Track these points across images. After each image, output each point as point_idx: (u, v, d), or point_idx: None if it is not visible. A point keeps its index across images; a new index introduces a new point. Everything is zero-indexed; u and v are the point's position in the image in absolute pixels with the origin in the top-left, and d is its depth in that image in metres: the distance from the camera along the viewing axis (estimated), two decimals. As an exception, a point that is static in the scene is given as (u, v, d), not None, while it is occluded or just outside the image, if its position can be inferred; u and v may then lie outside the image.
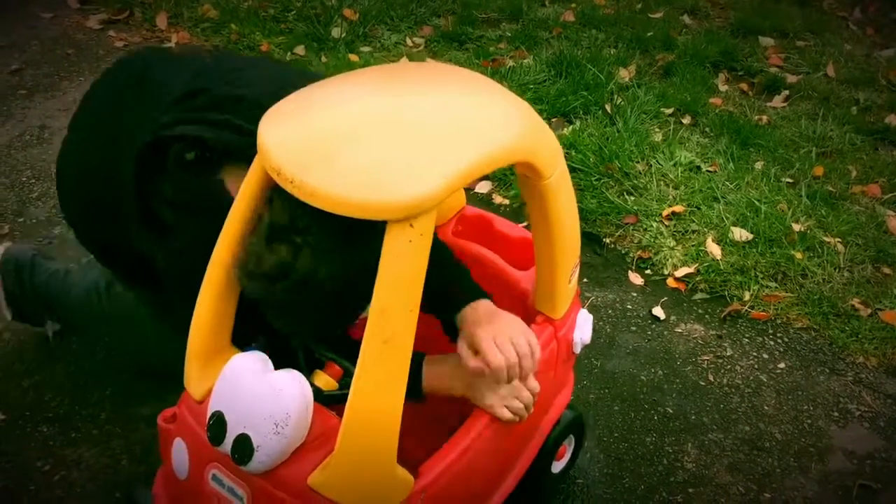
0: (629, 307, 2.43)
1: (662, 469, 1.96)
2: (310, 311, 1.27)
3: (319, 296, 1.23)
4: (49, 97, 3.22)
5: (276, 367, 1.27)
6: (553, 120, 3.23)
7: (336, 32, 3.76)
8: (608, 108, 3.26)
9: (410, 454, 1.31)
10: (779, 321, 2.41)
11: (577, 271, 1.58)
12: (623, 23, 4.06)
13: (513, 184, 2.87)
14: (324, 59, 3.57)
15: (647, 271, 2.57)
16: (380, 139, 1.16)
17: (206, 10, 3.89)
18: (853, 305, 2.45)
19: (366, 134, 1.17)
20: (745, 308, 2.44)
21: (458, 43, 3.81)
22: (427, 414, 1.55)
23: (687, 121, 3.30)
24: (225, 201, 1.31)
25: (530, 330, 1.42)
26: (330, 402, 1.32)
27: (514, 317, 1.42)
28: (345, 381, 1.34)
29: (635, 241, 2.67)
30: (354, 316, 1.34)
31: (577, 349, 1.66)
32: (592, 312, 2.34)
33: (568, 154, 2.96)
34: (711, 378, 2.22)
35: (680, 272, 2.55)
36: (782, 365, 2.28)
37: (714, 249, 2.61)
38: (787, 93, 3.57)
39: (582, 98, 3.30)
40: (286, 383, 1.22)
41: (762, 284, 2.51)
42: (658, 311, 2.41)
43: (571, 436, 1.82)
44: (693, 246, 2.63)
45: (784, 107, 3.50)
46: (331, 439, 1.21)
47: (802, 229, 2.69)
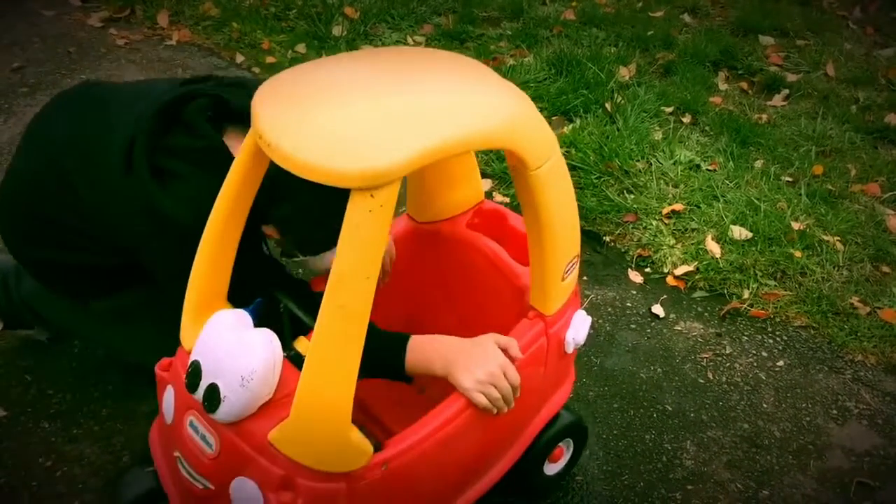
0: (629, 305, 2.44)
1: (661, 466, 1.97)
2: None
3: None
4: (50, 95, 3.20)
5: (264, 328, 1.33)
6: (553, 118, 3.23)
7: (337, 31, 3.77)
8: (608, 106, 3.27)
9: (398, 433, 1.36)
10: (778, 319, 2.42)
11: (576, 269, 1.57)
12: (623, 21, 4.06)
13: (513, 182, 2.87)
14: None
15: (647, 269, 2.58)
16: (356, 113, 1.19)
17: (208, 8, 3.90)
18: (852, 304, 2.45)
19: (344, 107, 1.20)
20: (745, 306, 2.45)
21: (459, 41, 3.82)
22: (431, 401, 1.56)
23: (687, 119, 3.30)
24: (227, 157, 1.44)
25: (493, 348, 1.46)
26: None
27: (472, 341, 1.47)
28: None
29: (635, 240, 2.68)
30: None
31: (568, 348, 1.63)
32: (592, 310, 2.37)
33: (568, 152, 2.97)
34: (710, 376, 2.23)
35: (679, 270, 2.55)
36: (781, 363, 2.29)
37: (713, 248, 2.62)
38: (786, 92, 3.58)
39: (582, 96, 3.31)
40: (257, 341, 1.29)
41: (761, 283, 2.52)
42: (657, 309, 2.42)
43: (569, 439, 1.80)
44: (693, 244, 2.64)
45: (784, 106, 3.50)
46: None
47: (802, 228, 2.69)
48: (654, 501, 1.88)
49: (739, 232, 2.66)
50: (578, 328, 1.63)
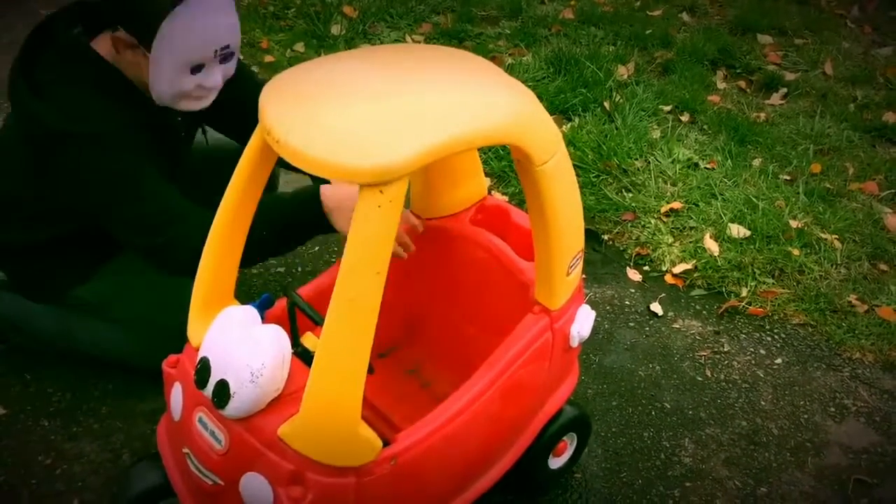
0: (627, 303, 2.45)
1: (660, 464, 1.97)
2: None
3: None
4: (49, 94, 3.23)
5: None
6: (552, 117, 3.23)
7: (336, 30, 3.77)
8: (607, 105, 3.28)
9: (404, 428, 1.36)
10: (776, 317, 2.43)
11: (580, 264, 1.58)
12: (622, 20, 4.06)
13: (512, 180, 2.88)
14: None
15: (646, 268, 2.59)
16: (364, 110, 1.21)
17: (206, 7, 3.90)
18: (850, 302, 2.46)
19: (352, 104, 1.21)
20: (743, 304, 2.45)
21: (458, 40, 3.82)
22: (436, 395, 1.57)
23: (685, 118, 3.31)
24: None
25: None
26: None
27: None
28: None
29: (633, 238, 2.68)
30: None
31: (573, 343, 1.65)
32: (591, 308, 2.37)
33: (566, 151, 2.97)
34: (709, 373, 2.23)
35: (678, 268, 2.56)
36: (779, 360, 2.29)
37: (712, 246, 2.62)
38: (784, 90, 3.59)
39: (581, 95, 3.31)
40: (266, 337, 1.29)
41: (759, 281, 2.52)
42: (656, 307, 2.43)
43: (573, 433, 1.82)
44: (691, 242, 2.65)
45: (782, 104, 3.51)
46: None
47: (800, 226, 2.70)
48: (652, 499, 1.88)
49: (737, 230, 2.67)
50: (583, 322, 1.65)
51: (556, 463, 1.82)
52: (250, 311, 1.37)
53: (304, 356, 1.36)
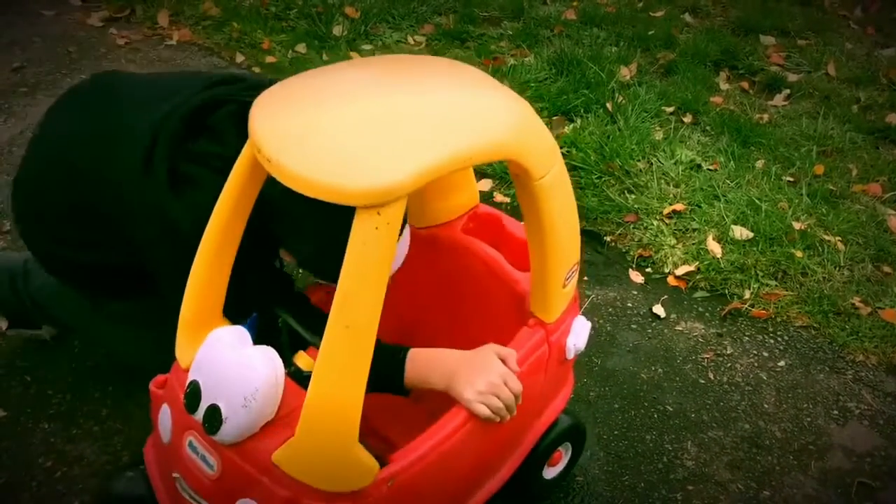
0: (630, 305, 2.44)
1: (662, 467, 1.96)
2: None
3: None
4: (51, 95, 3.22)
5: (262, 344, 1.30)
6: (554, 118, 3.23)
7: (337, 30, 3.76)
8: (609, 106, 3.27)
9: (391, 440, 1.34)
10: (779, 319, 2.42)
11: (576, 275, 1.56)
12: (624, 21, 4.06)
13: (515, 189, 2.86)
14: (325, 57, 3.57)
15: (648, 269, 2.58)
16: (359, 126, 1.17)
17: (208, 7, 3.90)
18: (853, 304, 2.45)
19: (348, 120, 1.18)
20: (746, 306, 2.44)
21: (460, 41, 3.81)
22: (427, 412, 1.55)
23: (688, 119, 3.30)
24: None
25: (494, 359, 1.43)
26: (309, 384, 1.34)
27: (476, 357, 1.44)
28: None
29: (636, 240, 2.67)
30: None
31: (569, 355, 1.62)
32: (593, 310, 2.36)
33: (569, 152, 2.96)
34: (711, 376, 2.22)
35: (680, 270, 2.55)
36: (782, 363, 2.28)
37: (714, 248, 2.61)
38: (787, 91, 3.58)
39: (583, 96, 3.31)
40: (258, 359, 1.25)
41: (762, 283, 2.51)
42: (658, 309, 2.42)
43: (568, 443, 1.80)
44: (693, 244, 2.64)
45: (785, 105, 3.50)
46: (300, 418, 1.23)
47: (803, 228, 2.69)
48: (654, 502, 1.87)
49: (740, 232, 2.66)
50: (579, 334, 1.62)
51: (550, 473, 1.80)
52: (241, 332, 1.32)
53: (297, 376, 1.32)
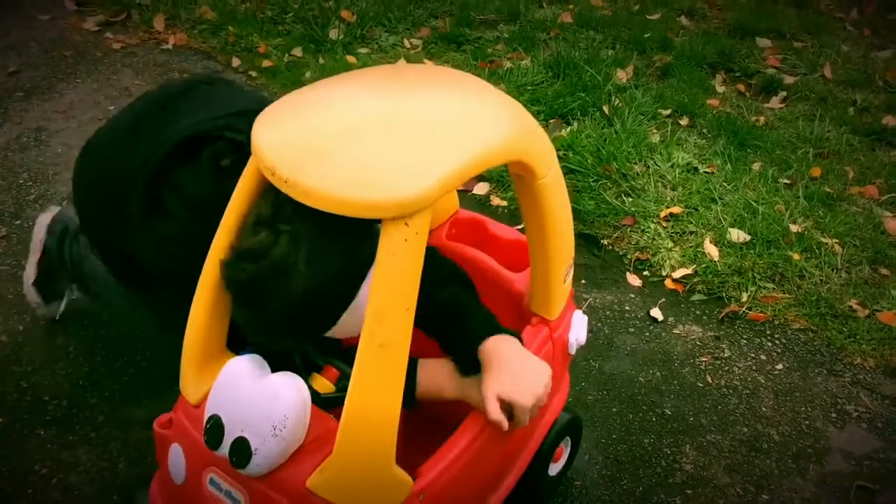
0: (627, 308, 2.43)
1: (661, 471, 1.96)
2: (277, 302, 1.20)
3: (289, 288, 1.19)
4: (46, 99, 3.22)
5: (273, 370, 1.27)
6: (551, 121, 3.23)
7: (334, 34, 3.76)
8: (606, 109, 3.27)
9: (408, 457, 1.30)
10: (776, 322, 2.41)
11: (571, 272, 1.58)
12: (620, 24, 4.06)
13: (510, 185, 2.87)
14: (321, 61, 3.57)
15: (645, 273, 2.57)
16: (373, 139, 1.16)
17: (204, 11, 3.89)
18: (851, 306, 2.45)
19: (360, 133, 1.17)
20: (743, 309, 2.44)
21: (456, 44, 3.81)
22: (424, 418, 1.55)
23: (684, 122, 3.30)
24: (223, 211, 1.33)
25: (548, 369, 1.41)
26: (327, 405, 1.32)
27: (536, 362, 1.41)
28: (341, 384, 1.34)
29: (633, 243, 2.67)
30: (328, 324, 1.28)
31: (572, 350, 1.66)
32: (590, 314, 2.36)
33: (565, 155, 2.96)
34: (709, 379, 2.22)
35: (678, 273, 2.55)
36: (780, 366, 2.28)
37: (712, 250, 2.61)
38: (784, 94, 3.58)
39: (579, 99, 3.30)
40: (284, 386, 1.22)
41: (760, 286, 2.51)
42: (656, 313, 2.41)
43: (568, 437, 1.82)
44: (691, 247, 2.64)
45: (781, 108, 3.50)
46: (329, 441, 1.21)
47: (800, 230, 2.69)
48: (653, 506, 1.87)
49: (737, 235, 2.65)
50: (578, 328, 1.65)
51: (554, 469, 1.81)
52: (258, 360, 1.27)
53: (315, 399, 1.29)
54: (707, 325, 2.39)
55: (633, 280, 2.54)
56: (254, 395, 1.22)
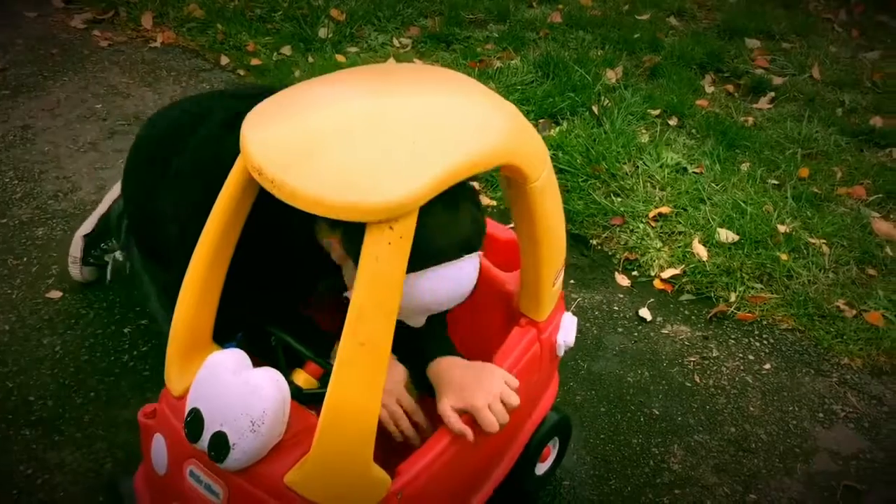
0: (616, 308, 2.44)
1: (649, 471, 1.96)
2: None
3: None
4: (33, 97, 3.20)
5: (257, 364, 1.27)
6: (540, 121, 3.23)
7: (323, 33, 3.75)
8: (595, 109, 3.27)
9: (386, 455, 1.31)
10: (764, 322, 2.42)
11: (562, 274, 1.58)
12: (610, 24, 4.06)
13: (500, 184, 2.86)
14: (310, 60, 3.56)
15: (634, 273, 2.58)
16: (361, 140, 1.15)
17: (192, 9, 3.87)
18: (838, 307, 2.46)
19: (347, 135, 1.16)
20: (731, 309, 2.44)
21: (446, 44, 3.81)
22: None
23: (673, 122, 3.30)
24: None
25: (505, 374, 1.43)
26: (309, 401, 1.33)
27: (491, 368, 1.44)
28: (325, 380, 1.34)
29: (622, 243, 2.67)
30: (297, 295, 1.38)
31: (560, 352, 1.66)
32: (579, 314, 2.36)
33: (555, 155, 2.96)
34: (697, 379, 2.22)
35: (666, 273, 2.55)
36: (768, 366, 2.28)
37: (700, 251, 2.61)
38: (772, 94, 3.59)
39: (569, 99, 3.31)
40: (263, 381, 1.22)
41: (748, 286, 2.52)
42: (645, 313, 2.42)
43: (556, 437, 1.82)
44: (679, 247, 2.64)
45: (770, 108, 3.51)
46: (308, 438, 1.21)
47: (788, 231, 2.70)
48: (641, 506, 1.87)
49: (726, 235, 2.66)
50: (567, 330, 1.64)
51: (541, 469, 1.81)
52: (240, 355, 1.27)
53: (296, 395, 1.30)
54: (695, 325, 2.40)
55: (622, 280, 2.54)
56: (233, 390, 1.22)
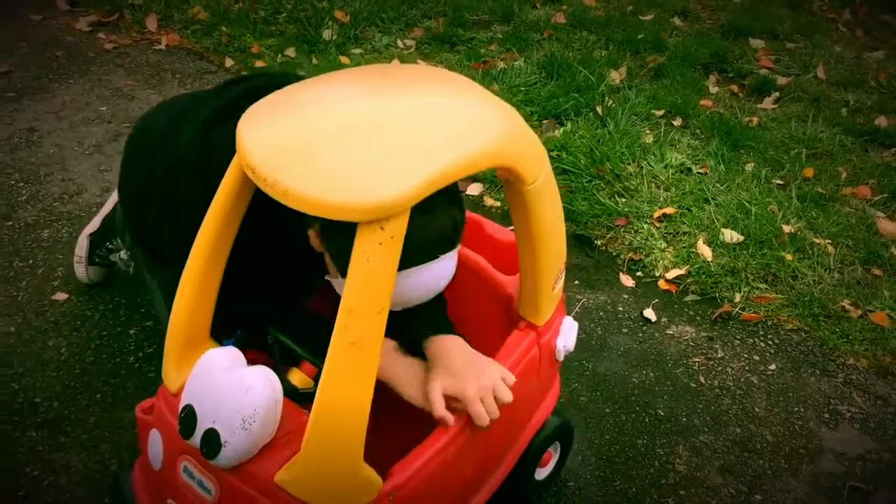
0: (620, 309, 2.43)
1: (654, 471, 1.96)
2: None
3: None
4: (38, 100, 3.21)
5: (258, 361, 1.28)
6: (544, 122, 3.23)
7: (327, 34, 3.75)
8: (599, 109, 3.27)
9: (383, 455, 1.31)
10: (769, 323, 2.42)
11: (563, 277, 1.57)
12: (614, 25, 4.06)
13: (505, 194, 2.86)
14: (315, 62, 3.56)
15: (639, 273, 2.57)
16: (355, 140, 1.16)
17: (197, 11, 3.88)
18: (843, 307, 2.45)
19: (342, 135, 1.17)
20: (736, 310, 2.44)
21: (450, 45, 3.81)
22: (402, 416, 1.54)
23: (678, 122, 3.30)
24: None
25: (502, 368, 1.42)
26: (305, 400, 1.33)
27: (487, 360, 1.43)
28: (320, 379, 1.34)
29: (626, 243, 2.67)
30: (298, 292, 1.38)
31: (559, 356, 1.64)
32: (584, 314, 2.36)
33: (559, 156, 2.96)
34: (702, 380, 2.22)
35: (671, 274, 2.55)
36: (773, 366, 2.28)
37: (705, 251, 2.61)
38: (777, 94, 3.59)
39: (573, 100, 3.30)
40: (255, 380, 1.23)
41: (753, 286, 2.51)
42: (649, 313, 2.41)
43: (557, 442, 1.80)
44: (684, 248, 2.64)
45: (774, 108, 3.51)
46: (300, 437, 1.21)
47: (793, 231, 2.69)
48: (646, 507, 1.87)
49: (730, 235, 2.66)
50: (567, 335, 1.63)
51: (541, 474, 1.80)
52: (234, 353, 1.28)
53: (292, 394, 1.30)
54: (700, 326, 2.39)
55: (627, 280, 2.54)
56: (226, 388, 1.23)
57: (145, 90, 3.33)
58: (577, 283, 2.51)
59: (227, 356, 1.27)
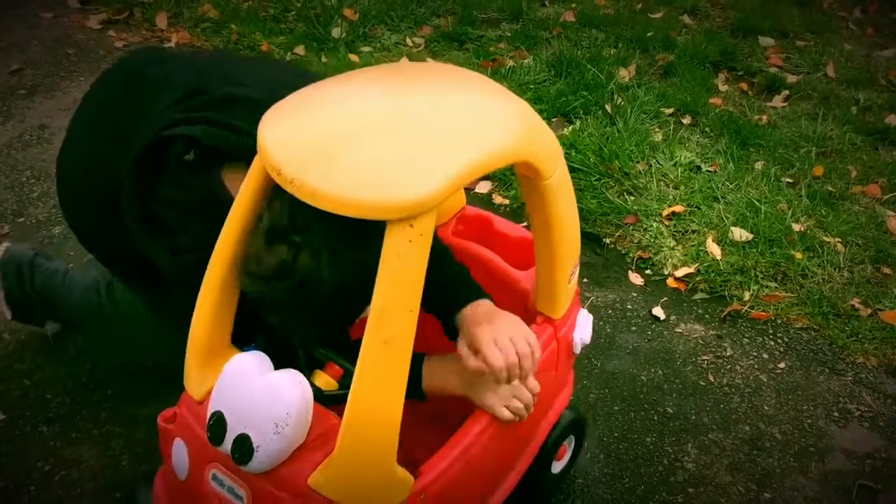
0: (629, 307, 2.43)
1: (662, 469, 1.96)
2: (309, 311, 1.27)
3: (319, 296, 1.23)
4: (49, 97, 3.23)
5: (276, 366, 1.27)
6: (553, 120, 3.23)
7: (336, 32, 3.76)
8: (608, 108, 3.27)
9: (410, 454, 1.31)
10: (779, 321, 2.41)
11: (577, 271, 1.58)
12: (623, 23, 4.06)
13: (513, 183, 2.87)
14: (324, 60, 3.57)
15: (647, 271, 2.57)
16: (380, 139, 1.16)
17: (207, 9, 3.89)
18: (853, 305, 2.45)
19: (366, 134, 1.16)
20: (745, 308, 2.44)
21: (459, 43, 3.81)
22: (427, 414, 1.55)
23: (687, 121, 3.30)
24: (225, 200, 1.31)
25: (530, 330, 1.41)
26: (330, 403, 1.33)
27: (515, 317, 1.42)
28: (345, 381, 1.34)
29: (635, 242, 2.67)
30: (353, 317, 1.34)
31: (577, 349, 1.66)
32: (592, 313, 2.35)
33: (568, 154, 2.96)
34: (711, 378, 2.22)
35: (680, 272, 2.55)
36: (782, 365, 2.28)
37: (714, 249, 2.61)
38: (787, 93, 3.58)
39: (582, 98, 3.30)
40: (286, 383, 1.22)
41: (762, 284, 2.51)
42: (658, 311, 2.41)
43: (571, 436, 1.82)
44: (693, 246, 2.63)
45: (784, 107, 3.50)
46: (331, 439, 1.21)
47: (802, 229, 2.69)
48: (655, 504, 1.87)
49: (740, 233, 2.65)
50: (584, 328, 1.65)
51: (557, 467, 1.82)
52: (262, 358, 1.27)
53: (318, 397, 1.30)
54: (709, 324, 2.39)
55: (636, 279, 2.54)
56: (256, 393, 1.22)
57: (155, 88, 3.34)
58: (585, 281, 2.52)
59: (255, 361, 1.26)
